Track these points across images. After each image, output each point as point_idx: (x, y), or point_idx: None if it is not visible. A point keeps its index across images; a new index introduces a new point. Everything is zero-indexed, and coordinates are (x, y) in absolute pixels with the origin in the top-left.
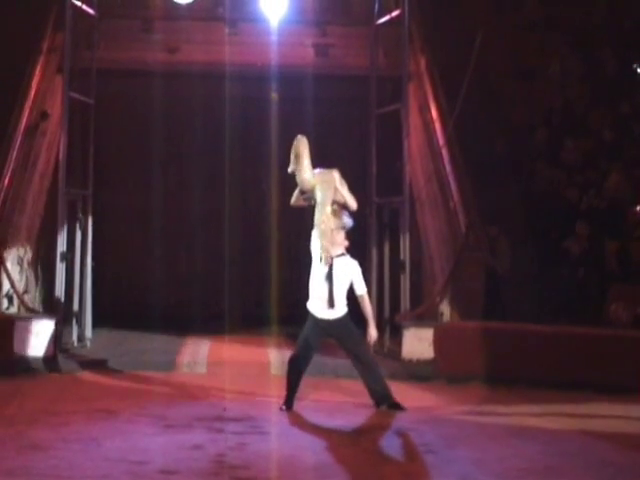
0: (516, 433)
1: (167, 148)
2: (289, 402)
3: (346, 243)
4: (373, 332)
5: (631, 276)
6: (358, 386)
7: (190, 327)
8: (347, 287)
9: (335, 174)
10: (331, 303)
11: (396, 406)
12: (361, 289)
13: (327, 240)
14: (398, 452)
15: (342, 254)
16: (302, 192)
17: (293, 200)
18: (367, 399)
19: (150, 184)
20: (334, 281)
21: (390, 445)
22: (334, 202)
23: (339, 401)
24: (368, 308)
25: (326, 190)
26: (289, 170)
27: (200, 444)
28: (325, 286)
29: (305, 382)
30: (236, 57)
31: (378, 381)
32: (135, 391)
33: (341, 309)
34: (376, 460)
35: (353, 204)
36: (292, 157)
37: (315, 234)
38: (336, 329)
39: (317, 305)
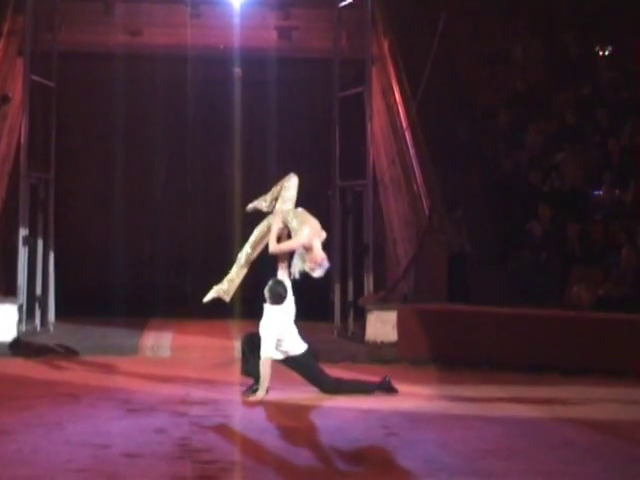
0: (479, 415)
1: (130, 131)
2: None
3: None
4: (260, 395)
5: (593, 258)
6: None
7: (154, 311)
8: (277, 337)
9: (286, 214)
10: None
11: (388, 387)
12: (264, 351)
13: (231, 285)
14: (361, 434)
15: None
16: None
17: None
18: None
19: (113, 167)
20: (260, 328)
21: (353, 427)
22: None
23: (303, 384)
24: (264, 373)
25: (266, 225)
26: (265, 207)
27: (163, 428)
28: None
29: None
30: (198, 40)
31: (355, 388)
32: (98, 375)
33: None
34: (339, 442)
35: (271, 247)
36: (274, 191)
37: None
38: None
39: None
